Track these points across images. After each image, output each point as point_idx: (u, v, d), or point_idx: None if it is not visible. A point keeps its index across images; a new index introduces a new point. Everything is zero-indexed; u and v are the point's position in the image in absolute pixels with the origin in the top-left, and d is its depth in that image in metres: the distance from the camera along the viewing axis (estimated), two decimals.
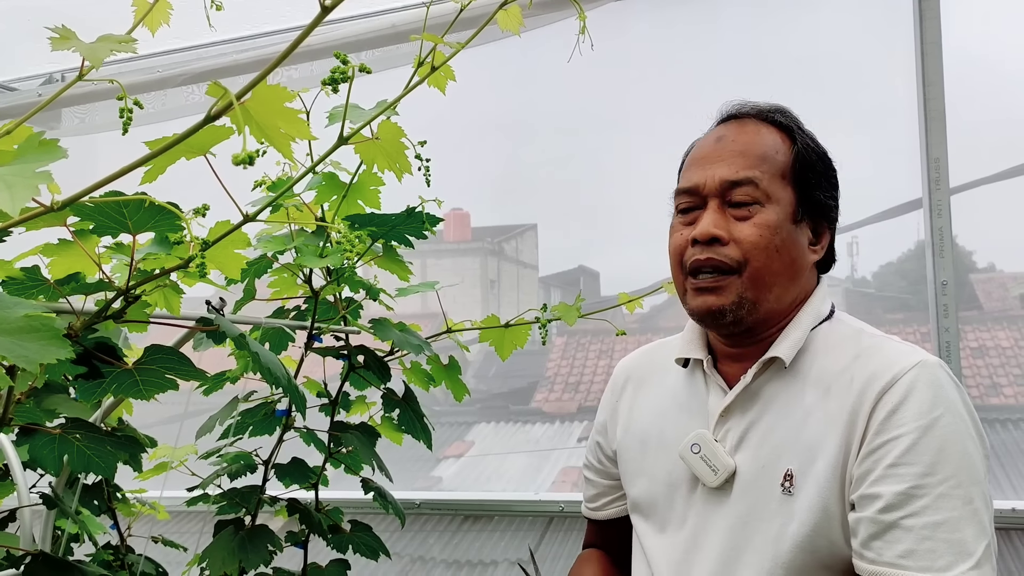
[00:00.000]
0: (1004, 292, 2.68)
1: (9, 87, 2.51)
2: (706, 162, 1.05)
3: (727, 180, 1.02)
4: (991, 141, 2.03)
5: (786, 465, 0.98)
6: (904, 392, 0.92)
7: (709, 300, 1.02)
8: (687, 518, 1.07)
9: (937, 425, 0.90)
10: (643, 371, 1.22)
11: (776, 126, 1.06)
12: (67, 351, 0.61)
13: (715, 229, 1.01)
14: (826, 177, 1.07)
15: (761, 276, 1.00)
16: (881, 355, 0.97)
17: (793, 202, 1.03)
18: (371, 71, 0.77)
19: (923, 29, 1.83)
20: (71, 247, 0.88)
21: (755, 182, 1.01)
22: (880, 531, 0.89)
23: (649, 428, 1.15)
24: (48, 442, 0.92)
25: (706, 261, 1.01)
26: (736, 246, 1.00)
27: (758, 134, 1.05)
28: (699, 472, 1.04)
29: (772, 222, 1.00)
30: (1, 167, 0.50)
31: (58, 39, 0.74)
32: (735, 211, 1.02)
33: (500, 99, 2.57)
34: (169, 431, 1.56)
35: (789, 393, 1.01)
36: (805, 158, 1.04)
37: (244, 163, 0.51)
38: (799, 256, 1.03)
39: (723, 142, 1.05)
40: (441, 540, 2.34)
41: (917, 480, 0.88)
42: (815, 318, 1.04)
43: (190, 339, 1.17)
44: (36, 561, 0.94)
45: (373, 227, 1.22)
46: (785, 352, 1.01)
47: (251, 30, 2.23)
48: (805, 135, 1.07)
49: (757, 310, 1.01)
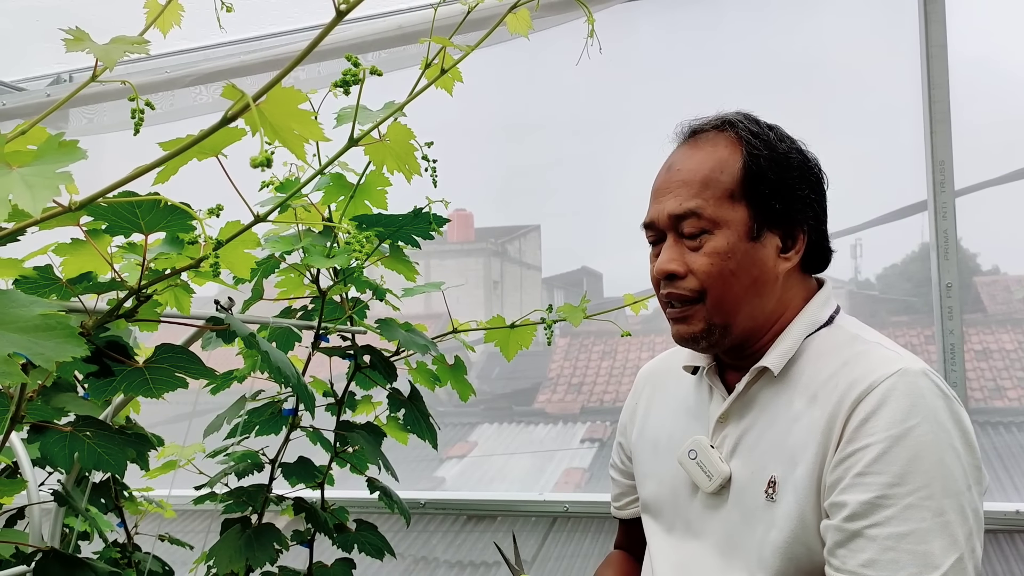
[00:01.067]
0: (1008, 295, 2.68)
1: (17, 87, 2.52)
2: (659, 195, 1.06)
3: (673, 214, 1.02)
4: (996, 143, 2.03)
5: (771, 472, 0.98)
6: (879, 400, 0.91)
7: (681, 329, 1.04)
8: (689, 521, 1.08)
9: (911, 435, 0.89)
10: (661, 376, 1.24)
11: (728, 138, 1.04)
12: (83, 349, 0.61)
13: (670, 264, 1.02)
14: (784, 182, 1.02)
15: (722, 301, 1.01)
16: (865, 362, 0.96)
17: (747, 219, 1.01)
18: (382, 74, 0.78)
19: (928, 32, 1.84)
20: (83, 246, 0.89)
21: (697, 213, 1.00)
22: (845, 539, 0.89)
23: (659, 431, 1.17)
24: (59, 439, 0.93)
25: (668, 295, 1.04)
26: (693, 277, 1.01)
27: (705, 156, 1.03)
28: (695, 478, 1.05)
29: (722, 248, 1.00)
30: (22, 167, 0.51)
31: (72, 40, 0.74)
32: (688, 242, 1.02)
33: (504, 100, 2.57)
34: (174, 430, 1.56)
35: (779, 401, 1.01)
36: (754, 170, 1.01)
37: (262, 165, 0.52)
38: (762, 272, 1.02)
39: (671, 172, 1.05)
40: (445, 540, 2.35)
41: (884, 490, 0.88)
42: (810, 326, 1.04)
43: (199, 338, 1.18)
44: (47, 558, 0.95)
45: (380, 227, 1.22)
46: (774, 362, 1.01)
47: (258, 31, 2.24)
48: (757, 142, 1.03)
49: (730, 332, 1.02)
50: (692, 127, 1.08)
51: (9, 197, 0.49)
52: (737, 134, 1.04)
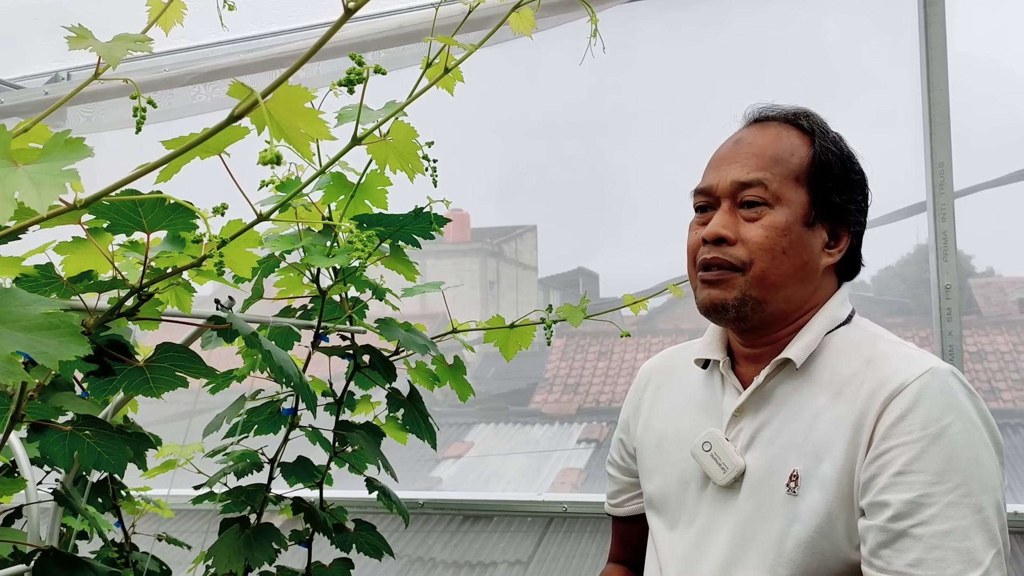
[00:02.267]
0: (1003, 297, 2.69)
1: (16, 85, 2.51)
2: (721, 163, 1.07)
3: (737, 181, 1.03)
4: (994, 145, 2.04)
5: (792, 466, 0.99)
6: (913, 399, 0.92)
7: (713, 294, 1.04)
8: (696, 515, 1.08)
9: (947, 433, 0.90)
10: (665, 372, 1.24)
11: (798, 129, 1.07)
12: (86, 348, 0.61)
13: (722, 229, 1.03)
14: (846, 180, 1.06)
15: (766, 277, 1.02)
16: (892, 361, 0.97)
17: (806, 204, 1.03)
18: (386, 72, 0.78)
19: (928, 34, 1.84)
20: (85, 245, 0.89)
21: (764, 183, 1.02)
22: (889, 540, 0.89)
23: (666, 426, 1.17)
24: (59, 438, 0.93)
25: (712, 260, 1.03)
26: (743, 246, 1.02)
27: (777, 137, 1.06)
28: (709, 470, 1.05)
29: (780, 224, 1.01)
30: (28, 165, 0.51)
31: (75, 38, 0.74)
32: (745, 212, 1.03)
33: (501, 100, 2.57)
34: (172, 429, 1.56)
35: (800, 395, 1.02)
36: (823, 160, 1.04)
37: (271, 163, 0.52)
38: (810, 259, 1.04)
39: (740, 144, 1.07)
40: (441, 540, 2.35)
41: (926, 488, 0.88)
42: (831, 322, 1.05)
43: (198, 337, 1.17)
44: (46, 557, 0.95)
45: (381, 227, 1.22)
46: (797, 354, 1.02)
47: (258, 30, 2.24)
48: (828, 137, 1.06)
49: (763, 309, 1.03)
50: (764, 112, 1.10)
51: (16, 195, 0.49)
52: (809, 127, 1.07)
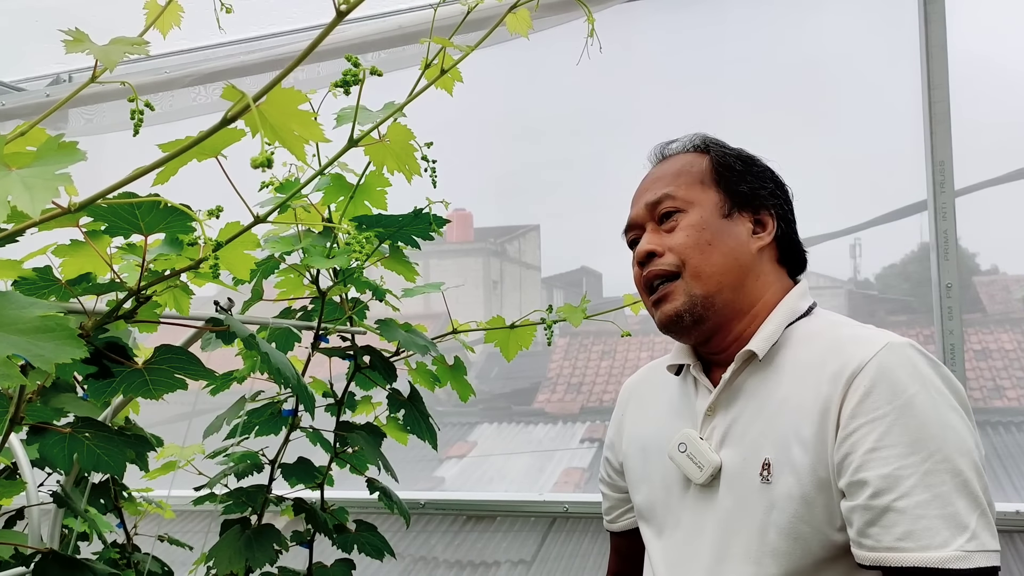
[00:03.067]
0: (1007, 295, 2.68)
1: (16, 87, 2.52)
2: (636, 198, 1.17)
3: (650, 203, 1.12)
4: (995, 143, 2.03)
5: (764, 455, 1.00)
6: (875, 374, 0.93)
7: (665, 308, 1.09)
8: (681, 518, 1.10)
9: (913, 403, 0.91)
10: (644, 386, 1.28)
11: (695, 151, 1.16)
12: (82, 350, 0.61)
13: (649, 245, 1.10)
14: (750, 172, 1.13)
15: (700, 271, 1.06)
16: (852, 343, 0.99)
17: (717, 199, 1.10)
18: (382, 74, 0.78)
19: (928, 31, 1.84)
20: (83, 247, 0.89)
21: (671, 195, 1.10)
22: (875, 517, 0.89)
23: (647, 435, 1.20)
24: (58, 440, 0.93)
25: (650, 274, 1.10)
26: (671, 253, 1.08)
27: (676, 159, 1.16)
28: (686, 470, 1.07)
29: (696, 222, 1.08)
30: (21, 169, 0.51)
31: (72, 41, 0.74)
32: (665, 225, 1.11)
33: (503, 100, 2.57)
34: (173, 431, 1.56)
35: (766, 386, 1.04)
36: (722, 162, 1.12)
37: (263, 165, 0.52)
38: (738, 245, 1.08)
39: (647, 179, 1.18)
40: (444, 540, 2.35)
41: (901, 460, 0.89)
42: (790, 314, 1.08)
43: (198, 339, 1.17)
44: (46, 559, 0.95)
45: (380, 228, 1.22)
46: (759, 346, 1.04)
47: (258, 31, 2.24)
48: (724, 147, 1.15)
49: (712, 304, 1.06)
50: (662, 150, 1.20)
51: (8, 198, 0.49)
52: (704, 145, 1.16)
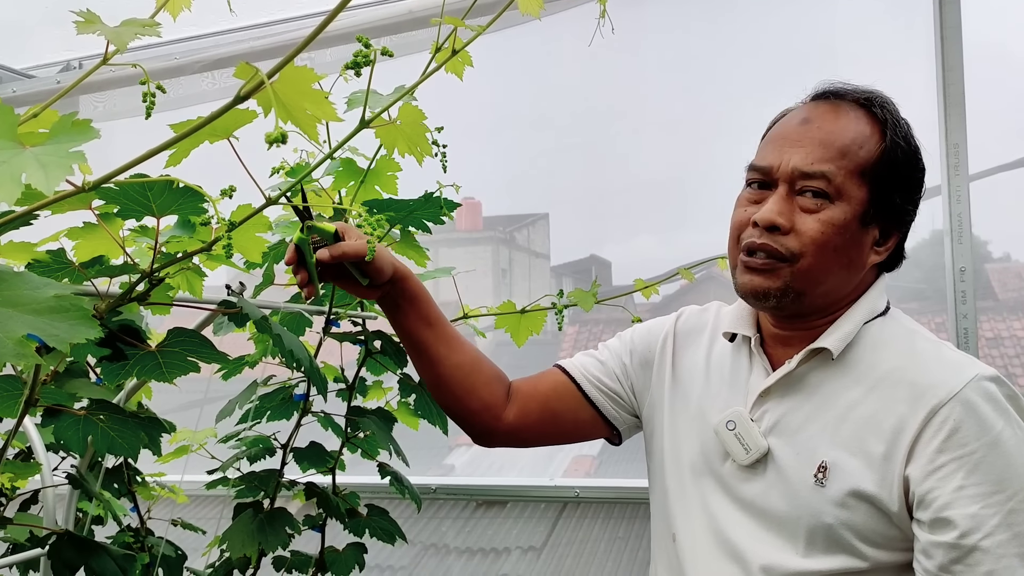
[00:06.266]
0: (1020, 282, 2.65)
1: (28, 74, 2.52)
2: (785, 143, 1.00)
3: (799, 170, 0.98)
4: (1011, 128, 2.01)
5: (822, 457, 0.97)
6: (963, 409, 0.91)
7: (756, 280, 0.99)
8: (714, 490, 1.06)
9: (1000, 440, 0.90)
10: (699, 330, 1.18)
11: (870, 115, 1.00)
12: (96, 331, 0.61)
13: (777, 217, 0.97)
14: (909, 180, 1.01)
15: (813, 272, 0.98)
16: (937, 365, 0.95)
17: (865, 202, 0.98)
18: (393, 54, 0.78)
19: (943, 14, 1.82)
20: (96, 230, 0.89)
21: (828, 177, 0.97)
22: (961, 556, 0.89)
23: (689, 392, 1.13)
24: (73, 423, 0.94)
25: (761, 246, 0.99)
26: (796, 237, 0.97)
27: (847, 123, 1.00)
28: (731, 449, 1.03)
29: (838, 220, 0.97)
30: (35, 147, 0.51)
31: (83, 23, 0.74)
32: (803, 201, 0.98)
33: (513, 88, 2.56)
34: (185, 417, 1.57)
35: (834, 385, 1.00)
36: (891, 158, 0.99)
37: (277, 141, 0.52)
38: (858, 257, 1.00)
39: (807, 126, 1.00)
40: (455, 526, 2.35)
41: (988, 499, 0.88)
42: (869, 313, 1.02)
43: (210, 323, 1.18)
44: (61, 540, 0.96)
45: (391, 212, 1.22)
46: (834, 344, 0.99)
47: (267, 17, 2.24)
48: (899, 131, 1.00)
49: (802, 301, 1.00)
50: (835, 88, 1.04)
51: (23, 176, 0.49)
52: (882, 116, 1.00)
